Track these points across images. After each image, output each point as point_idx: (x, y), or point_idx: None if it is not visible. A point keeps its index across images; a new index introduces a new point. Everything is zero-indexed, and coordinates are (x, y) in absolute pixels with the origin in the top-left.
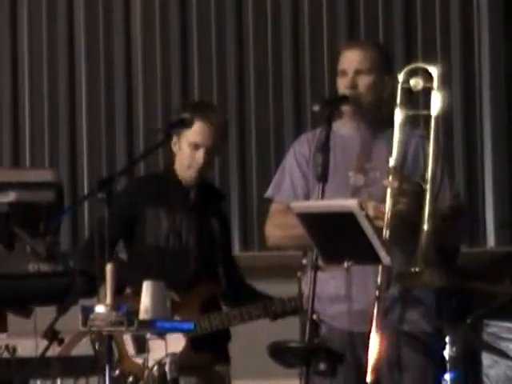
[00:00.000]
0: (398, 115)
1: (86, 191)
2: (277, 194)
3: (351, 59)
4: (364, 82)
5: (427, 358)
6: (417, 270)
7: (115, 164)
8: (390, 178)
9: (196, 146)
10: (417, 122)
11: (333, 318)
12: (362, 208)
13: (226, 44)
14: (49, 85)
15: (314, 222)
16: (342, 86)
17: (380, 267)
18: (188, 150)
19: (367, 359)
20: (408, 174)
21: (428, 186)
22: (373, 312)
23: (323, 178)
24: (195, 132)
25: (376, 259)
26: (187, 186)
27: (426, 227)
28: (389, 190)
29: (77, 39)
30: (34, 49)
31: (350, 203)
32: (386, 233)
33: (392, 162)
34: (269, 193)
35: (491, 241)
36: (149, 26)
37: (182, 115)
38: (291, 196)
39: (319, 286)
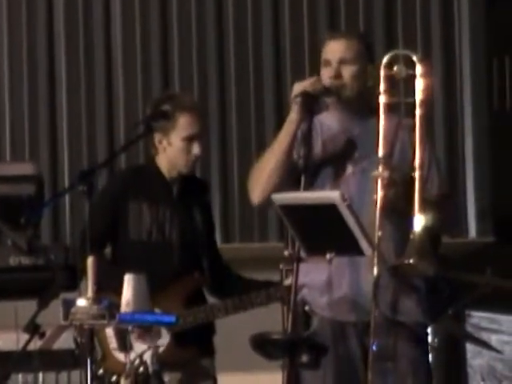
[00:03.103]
0: (382, 103)
1: (66, 184)
2: None
3: (335, 49)
4: (348, 71)
5: (420, 348)
6: (411, 261)
7: (96, 157)
8: (380, 168)
9: (191, 139)
10: (399, 109)
11: (323, 308)
12: (344, 199)
13: (206, 35)
14: (28, 77)
15: (296, 213)
16: (326, 75)
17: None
18: (182, 145)
19: (359, 350)
20: (396, 163)
21: (417, 175)
22: (364, 301)
23: (305, 169)
24: (186, 125)
25: (358, 250)
26: (171, 179)
27: (417, 217)
28: (379, 181)
29: (56, 32)
30: (14, 41)
31: (332, 195)
32: (377, 222)
33: (381, 152)
34: None
35: (472, 232)
36: (129, 18)
37: (163, 107)
38: None
39: (309, 276)
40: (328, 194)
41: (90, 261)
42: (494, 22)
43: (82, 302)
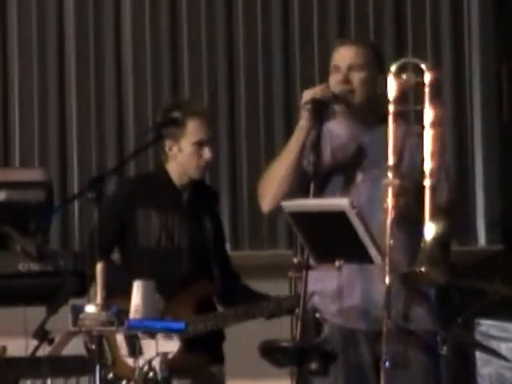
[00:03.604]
0: (391, 111)
1: (76, 191)
2: None
3: (344, 55)
4: (357, 77)
5: (430, 356)
6: (422, 270)
7: (105, 163)
8: (390, 176)
9: (201, 144)
10: (408, 117)
11: (334, 315)
12: (353, 207)
13: (217, 42)
14: (38, 84)
15: (306, 220)
16: (335, 81)
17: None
18: (192, 151)
19: (370, 358)
20: (406, 171)
21: (428, 183)
22: (375, 310)
23: (315, 177)
24: (196, 130)
25: (368, 258)
26: (181, 186)
27: (427, 224)
28: (390, 189)
29: (67, 39)
30: (24, 48)
31: (342, 202)
32: (388, 230)
33: (391, 160)
34: None
35: (481, 240)
36: (139, 25)
37: (173, 114)
38: None
39: (321, 284)
40: (337, 202)
41: (99, 267)
42: (504, 29)
43: (90, 309)
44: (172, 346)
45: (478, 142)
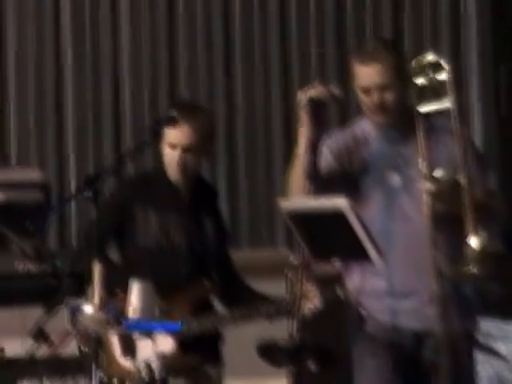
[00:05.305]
0: (420, 110)
1: (73, 191)
2: None
3: (371, 76)
4: (390, 98)
5: (469, 359)
6: (470, 269)
7: (103, 163)
8: (427, 181)
9: (172, 146)
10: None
11: (380, 312)
12: (351, 206)
13: (213, 43)
14: (35, 84)
15: (304, 220)
16: (370, 104)
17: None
18: (167, 150)
19: (412, 357)
20: (442, 171)
21: (464, 180)
22: (422, 308)
23: (312, 177)
24: (172, 132)
25: (366, 258)
26: (179, 185)
27: (471, 224)
28: (428, 193)
29: (63, 40)
30: (21, 48)
31: (340, 202)
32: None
33: (425, 165)
34: None
35: None
36: (136, 24)
37: (170, 113)
38: None
39: (364, 281)
40: (336, 202)
41: (96, 267)
42: (502, 29)
43: (88, 309)
44: (167, 346)
45: (477, 140)
